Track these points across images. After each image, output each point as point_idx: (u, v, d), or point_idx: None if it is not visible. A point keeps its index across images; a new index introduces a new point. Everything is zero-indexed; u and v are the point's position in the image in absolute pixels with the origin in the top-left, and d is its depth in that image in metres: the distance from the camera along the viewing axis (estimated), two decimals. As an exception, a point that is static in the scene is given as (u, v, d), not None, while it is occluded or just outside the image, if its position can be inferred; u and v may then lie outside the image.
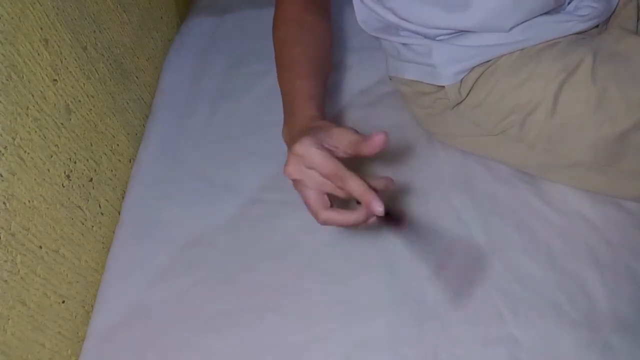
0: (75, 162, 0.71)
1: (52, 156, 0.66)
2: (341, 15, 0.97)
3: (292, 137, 0.50)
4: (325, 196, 0.46)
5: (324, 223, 0.46)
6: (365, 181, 0.43)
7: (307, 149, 0.42)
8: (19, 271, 0.58)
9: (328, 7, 0.68)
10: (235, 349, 0.62)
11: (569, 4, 0.64)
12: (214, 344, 0.63)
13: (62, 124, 0.68)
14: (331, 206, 0.46)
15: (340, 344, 0.60)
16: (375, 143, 0.41)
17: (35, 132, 0.63)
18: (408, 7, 0.63)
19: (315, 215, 0.46)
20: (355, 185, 0.42)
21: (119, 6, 0.88)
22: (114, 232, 0.78)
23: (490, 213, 0.67)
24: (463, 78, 0.65)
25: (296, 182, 0.46)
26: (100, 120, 0.78)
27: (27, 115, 0.61)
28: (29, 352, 0.59)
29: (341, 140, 0.44)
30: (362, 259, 0.66)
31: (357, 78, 0.88)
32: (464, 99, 0.67)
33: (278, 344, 0.61)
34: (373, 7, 0.67)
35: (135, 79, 0.92)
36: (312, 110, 0.52)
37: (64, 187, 0.68)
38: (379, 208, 0.41)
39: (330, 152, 0.43)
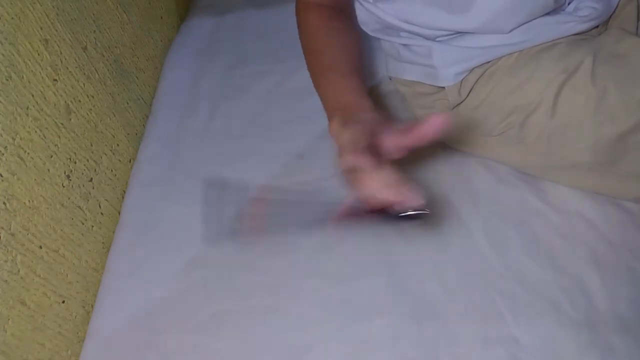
0: (75, 162, 0.71)
1: (52, 156, 0.66)
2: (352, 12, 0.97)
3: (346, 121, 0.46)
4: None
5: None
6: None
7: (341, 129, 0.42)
8: (19, 271, 0.58)
9: (350, 10, 0.68)
10: (235, 349, 0.62)
11: (568, 4, 0.64)
12: (214, 344, 0.63)
13: (62, 124, 0.68)
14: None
15: (340, 344, 0.60)
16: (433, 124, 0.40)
17: (35, 132, 0.63)
18: (409, 8, 0.63)
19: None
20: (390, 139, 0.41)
21: (119, 6, 0.88)
22: (114, 232, 0.78)
23: (490, 213, 0.67)
24: (463, 79, 0.65)
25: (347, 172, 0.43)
26: (100, 120, 0.78)
27: (27, 115, 0.61)
28: (29, 352, 0.59)
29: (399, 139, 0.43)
30: (362, 259, 0.66)
31: (357, 78, 0.88)
32: (464, 100, 0.67)
33: (278, 344, 0.61)
34: (372, 9, 0.67)
35: (135, 79, 0.92)
36: (367, 101, 0.51)
37: (64, 187, 0.68)
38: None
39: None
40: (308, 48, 0.63)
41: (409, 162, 0.75)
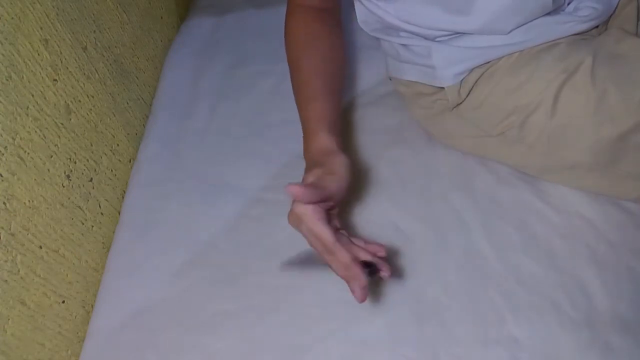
0: (75, 162, 0.71)
1: (52, 156, 0.66)
2: (341, 15, 0.97)
3: (306, 167, 0.54)
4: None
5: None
6: (356, 245, 0.49)
7: (304, 212, 0.49)
8: (19, 271, 0.58)
9: (338, 13, 0.69)
10: (235, 349, 0.62)
11: (568, 4, 0.64)
12: (214, 344, 0.63)
13: (62, 124, 0.68)
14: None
15: (340, 344, 0.60)
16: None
17: (35, 132, 0.63)
18: (409, 8, 0.62)
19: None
20: (341, 258, 0.49)
21: (119, 6, 0.88)
22: (114, 232, 0.78)
23: (490, 213, 0.67)
24: (463, 79, 0.65)
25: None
26: (100, 120, 0.78)
27: (27, 115, 0.61)
28: (29, 352, 0.59)
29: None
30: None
31: (357, 78, 0.88)
32: (464, 100, 0.67)
33: (278, 344, 0.61)
34: (372, 9, 0.67)
35: (135, 79, 0.92)
36: (322, 140, 0.55)
37: (64, 187, 0.68)
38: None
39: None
40: (290, 58, 0.65)
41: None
